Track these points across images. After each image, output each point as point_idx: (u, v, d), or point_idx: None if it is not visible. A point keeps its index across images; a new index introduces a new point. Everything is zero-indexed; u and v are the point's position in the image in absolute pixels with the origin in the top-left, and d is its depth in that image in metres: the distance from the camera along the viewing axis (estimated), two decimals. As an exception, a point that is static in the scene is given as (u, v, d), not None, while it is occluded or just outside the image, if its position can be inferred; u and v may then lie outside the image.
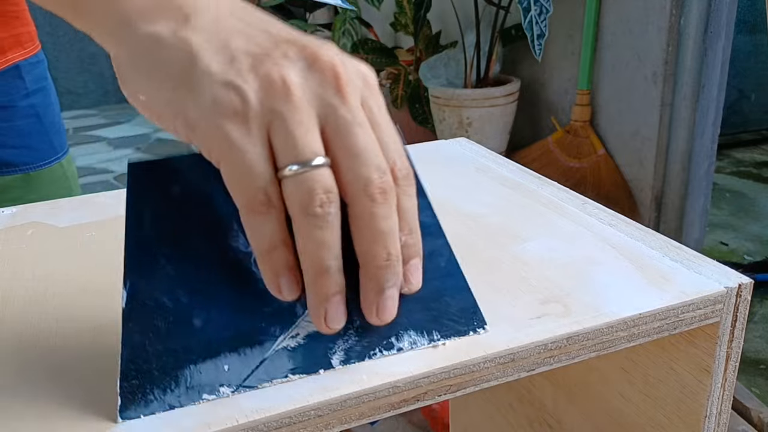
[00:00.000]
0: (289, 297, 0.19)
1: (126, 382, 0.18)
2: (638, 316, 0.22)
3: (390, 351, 0.20)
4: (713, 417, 0.24)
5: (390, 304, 0.19)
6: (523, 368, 0.20)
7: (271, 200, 0.18)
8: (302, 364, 0.19)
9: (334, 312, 0.19)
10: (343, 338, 0.20)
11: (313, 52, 0.19)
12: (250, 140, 0.18)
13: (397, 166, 0.19)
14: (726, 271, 0.24)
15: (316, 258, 0.18)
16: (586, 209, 0.30)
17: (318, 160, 0.18)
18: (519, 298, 0.23)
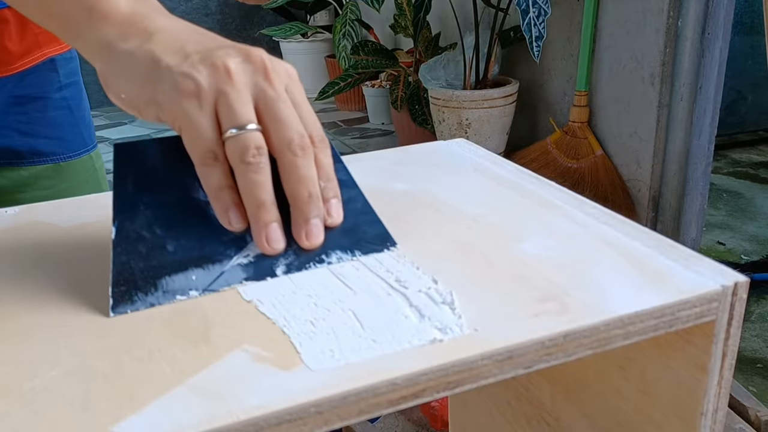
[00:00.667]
0: (237, 227, 0.26)
1: (116, 288, 0.24)
2: (635, 314, 0.22)
3: (321, 264, 0.26)
4: (710, 414, 0.25)
5: (316, 230, 0.26)
6: (520, 365, 0.21)
7: (217, 156, 0.25)
8: (253, 274, 0.25)
9: (272, 235, 0.25)
10: (284, 256, 0.26)
11: (247, 51, 0.26)
12: (202, 113, 0.25)
13: (314, 134, 0.26)
14: (722, 270, 0.24)
15: (253, 195, 0.25)
16: (584, 208, 0.30)
17: (251, 125, 0.25)
18: (516, 297, 0.23)
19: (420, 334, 0.21)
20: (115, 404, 0.18)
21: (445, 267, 0.25)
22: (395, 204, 0.32)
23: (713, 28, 1.24)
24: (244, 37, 2.92)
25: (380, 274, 0.25)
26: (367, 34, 2.19)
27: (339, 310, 0.23)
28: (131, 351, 0.21)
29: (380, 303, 0.23)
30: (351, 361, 0.20)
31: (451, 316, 0.22)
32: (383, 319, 0.22)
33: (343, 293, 0.24)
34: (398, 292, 0.24)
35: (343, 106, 2.66)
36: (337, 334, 0.21)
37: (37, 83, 0.47)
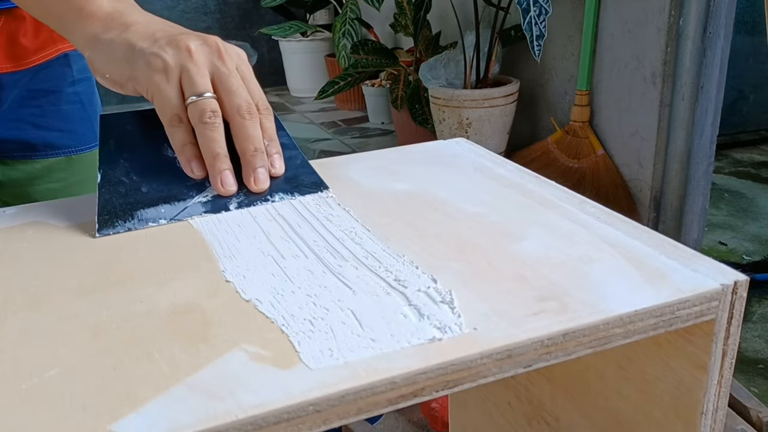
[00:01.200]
0: (198, 174, 0.33)
1: (100, 216, 0.31)
2: (634, 312, 0.22)
3: (266, 203, 0.32)
4: (710, 414, 0.25)
5: (262, 177, 0.33)
6: (519, 364, 0.21)
7: (182, 118, 0.32)
8: (211, 209, 0.32)
9: (226, 180, 0.32)
10: (236, 197, 0.33)
11: (205, 37, 0.34)
12: (169, 84, 0.32)
13: (260, 103, 0.34)
14: (722, 269, 0.24)
15: (210, 148, 0.32)
16: (584, 208, 0.30)
17: (208, 94, 0.32)
18: (516, 296, 0.23)
19: (419, 333, 0.21)
20: (113, 403, 0.18)
21: (445, 266, 0.25)
22: (395, 204, 0.32)
23: (715, 28, 1.23)
24: (244, 36, 2.92)
25: (379, 273, 0.25)
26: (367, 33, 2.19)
27: (338, 309, 0.23)
28: (130, 350, 0.21)
29: (379, 302, 0.23)
30: (350, 360, 0.20)
31: (451, 315, 0.22)
32: (382, 318, 0.22)
33: (342, 292, 0.24)
34: (397, 291, 0.24)
35: (343, 105, 2.66)
36: (335, 333, 0.21)
37: (51, 77, 0.48)
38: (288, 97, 2.93)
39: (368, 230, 0.29)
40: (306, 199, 0.33)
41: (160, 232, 0.30)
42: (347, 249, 0.27)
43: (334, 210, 0.32)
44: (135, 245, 0.29)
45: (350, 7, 1.95)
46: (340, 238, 0.28)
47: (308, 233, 0.29)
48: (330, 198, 0.33)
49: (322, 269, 0.26)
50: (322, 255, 0.27)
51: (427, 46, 1.91)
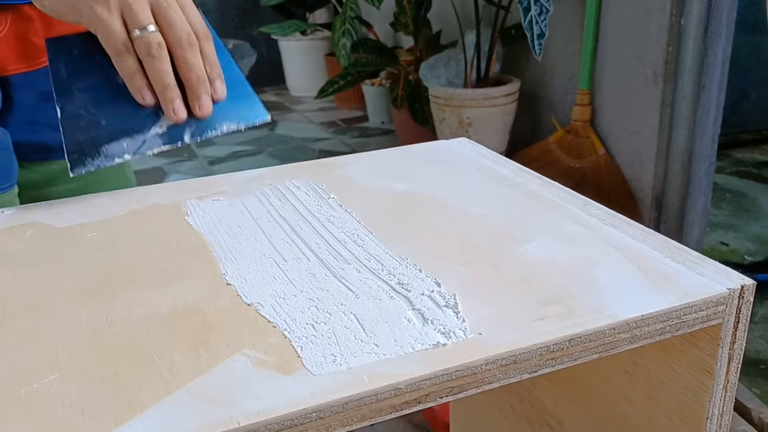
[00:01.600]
0: (149, 102, 0.35)
1: (70, 156, 0.33)
2: (640, 317, 0.21)
3: (214, 131, 0.36)
4: (715, 418, 0.24)
5: (206, 104, 0.35)
6: (525, 370, 0.20)
7: (128, 48, 0.34)
8: (168, 140, 0.34)
9: (177, 107, 0.35)
10: (188, 126, 0.35)
11: None
12: (111, 16, 0.33)
13: (199, 31, 0.35)
14: (728, 273, 0.24)
15: (160, 79, 0.34)
16: (588, 210, 0.30)
17: (150, 27, 0.34)
18: (521, 300, 0.23)
19: (423, 339, 0.21)
20: (113, 409, 0.18)
21: (448, 269, 0.25)
22: (396, 204, 0.32)
23: (716, 27, 1.23)
24: (243, 35, 2.91)
25: (382, 277, 0.25)
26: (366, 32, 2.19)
27: (341, 313, 0.22)
28: (130, 355, 0.21)
29: (382, 306, 0.23)
30: (353, 366, 0.19)
31: (455, 320, 0.21)
32: (386, 322, 0.22)
33: (344, 296, 0.23)
34: (401, 295, 0.23)
35: (343, 104, 2.66)
36: (338, 338, 0.21)
37: None
38: (287, 97, 2.92)
39: (370, 232, 0.29)
40: (305, 200, 0.33)
41: (160, 233, 0.30)
42: (349, 251, 0.27)
43: (336, 211, 0.31)
44: (134, 247, 0.29)
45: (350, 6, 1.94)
46: (342, 240, 0.28)
47: (310, 235, 0.29)
48: (331, 199, 0.33)
49: (324, 272, 0.25)
50: (324, 257, 0.27)
51: (428, 45, 1.90)
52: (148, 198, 0.34)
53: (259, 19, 2.95)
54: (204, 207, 0.33)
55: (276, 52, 2.94)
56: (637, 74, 1.35)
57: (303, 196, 0.34)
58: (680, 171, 1.34)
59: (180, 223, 0.31)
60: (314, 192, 0.34)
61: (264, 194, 0.34)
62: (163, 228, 0.31)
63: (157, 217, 0.32)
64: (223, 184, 0.36)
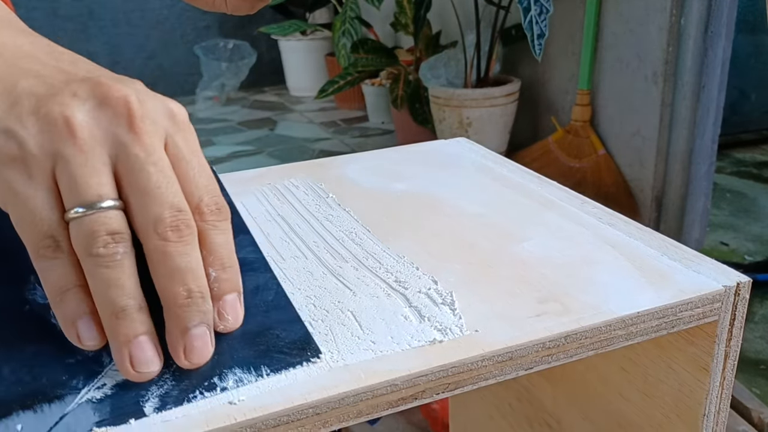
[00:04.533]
0: (90, 343, 0.18)
1: None
2: (636, 314, 0.22)
3: (212, 392, 0.18)
4: (712, 416, 0.24)
5: (199, 344, 0.18)
6: (521, 366, 0.20)
7: (59, 244, 0.18)
8: (109, 416, 0.17)
9: (139, 354, 0.18)
10: (158, 384, 0.18)
11: (106, 90, 0.19)
12: (32, 185, 0.18)
13: (204, 202, 0.19)
14: (724, 270, 0.24)
15: (108, 299, 0.18)
16: (585, 208, 0.30)
17: (105, 202, 0.18)
18: (517, 297, 0.23)
19: (420, 335, 0.21)
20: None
21: (446, 267, 0.25)
22: (395, 203, 0.32)
23: (716, 27, 1.23)
24: (243, 35, 2.92)
25: (379, 274, 0.25)
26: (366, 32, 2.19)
27: (338, 310, 0.22)
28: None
29: (379, 304, 0.23)
30: (350, 363, 0.19)
31: (452, 317, 0.22)
32: (382, 319, 0.22)
33: (342, 294, 0.24)
34: (398, 292, 0.23)
35: (343, 104, 2.66)
36: (335, 334, 0.21)
37: None
38: (287, 97, 2.93)
39: (368, 230, 0.29)
40: (303, 199, 0.33)
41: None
42: (347, 250, 0.27)
43: (334, 210, 0.31)
44: (134, 246, 0.29)
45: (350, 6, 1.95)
46: (340, 239, 0.28)
47: (308, 234, 0.29)
48: (330, 198, 0.33)
49: (321, 270, 0.25)
50: (322, 256, 0.27)
51: (428, 45, 1.91)
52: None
53: (259, 19, 2.95)
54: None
55: (276, 52, 2.95)
56: (637, 74, 1.35)
57: (302, 195, 0.34)
58: (680, 171, 1.34)
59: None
60: (313, 191, 0.34)
61: (263, 194, 0.34)
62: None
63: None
64: (223, 183, 0.36)
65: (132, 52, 2.84)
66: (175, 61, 2.94)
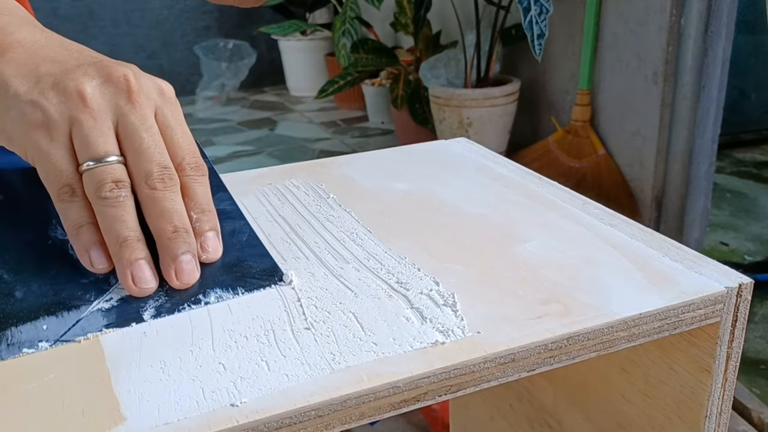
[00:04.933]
0: (100, 267, 0.24)
1: None
2: (638, 316, 0.22)
3: (198, 305, 0.23)
4: (713, 417, 0.24)
5: (187, 267, 0.23)
6: (523, 368, 0.20)
7: (75, 190, 0.23)
8: (115, 320, 0.22)
9: (139, 274, 0.23)
10: (154, 298, 0.23)
11: (109, 70, 0.24)
12: (54, 145, 0.23)
13: (186, 161, 0.24)
14: (726, 271, 0.24)
15: (114, 231, 0.23)
16: (587, 209, 0.30)
17: (110, 157, 0.23)
18: (519, 299, 0.23)
19: (421, 337, 0.21)
20: (112, 408, 0.18)
21: (447, 268, 0.25)
22: (395, 204, 0.32)
23: (716, 27, 1.23)
24: (243, 35, 2.92)
25: (381, 276, 0.25)
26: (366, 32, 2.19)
27: (339, 312, 0.22)
28: (129, 355, 0.21)
29: (381, 305, 0.23)
30: (351, 364, 0.19)
31: (453, 319, 0.22)
32: (384, 321, 0.22)
33: (343, 295, 0.24)
34: (399, 293, 0.23)
35: (343, 104, 2.66)
36: (337, 336, 0.21)
37: None
38: (287, 97, 2.92)
39: (369, 231, 0.29)
40: (304, 200, 0.33)
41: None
42: (348, 251, 0.27)
43: (335, 211, 0.31)
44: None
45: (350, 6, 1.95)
46: (341, 240, 0.28)
47: (309, 234, 0.29)
48: (330, 198, 0.33)
49: (323, 271, 0.25)
50: (323, 257, 0.27)
51: (428, 45, 1.90)
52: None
53: (259, 19, 2.95)
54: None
55: (276, 52, 2.95)
56: (637, 74, 1.35)
57: (302, 195, 0.34)
58: (680, 171, 1.34)
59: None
60: (313, 191, 0.34)
61: (263, 194, 0.34)
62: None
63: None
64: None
65: (132, 52, 2.84)
66: (175, 61, 2.94)
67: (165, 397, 0.18)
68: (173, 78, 2.97)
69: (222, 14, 2.99)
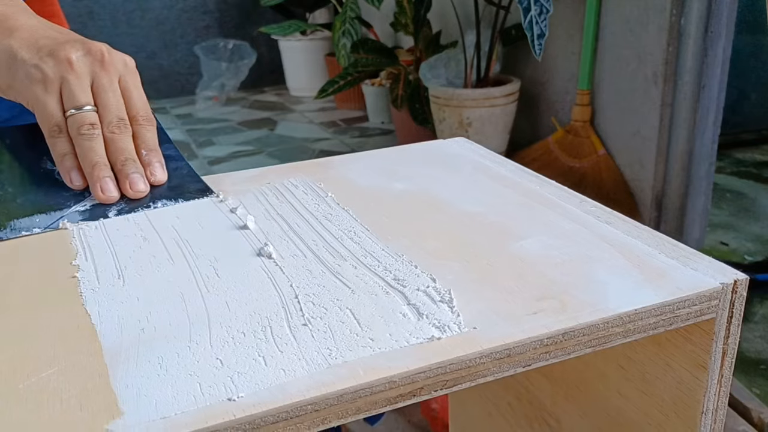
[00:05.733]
0: (77, 184, 0.33)
1: None
2: (633, 311, 0.22)
3: (147, 209, 0.32)
4: (710, 413, 0.24)
5: (136, 180, 0.33)
6: (519, 363, 0.20)
7: (62, 129, 0.33)
8: (89, 216, 0.31)
9: (105, 186, 0.32)
10: (117, 205, 0.32)
11: (90, 45, 0.34)
12: (48, 96, 0.33)
13: (139, 114, 0.34)
14: (722, 268, 0.24)
15: (88, 157, 0.33)
16: (584, 207, 0.30)
17: (87, 107, 0.33)
18: (515, 295, 0.23)
19: (418, 333, 0.21)
20: (110, 402, 0.18)
21: (444, 265, 0.25)
22: (394, 203, 0.32)
23: (716, 27, 1.23)
24: (243, 35, 2.92)
25: (378, 273, 0.25)
26: (366, 32, 2.19)
27: (336, 308, 0.23)
28: (127, 350, 0.21)
29: (378, 302, 0.23)
30: (348, 360, 0.20)
31: (450, 315, 0.22)
32: (381, 317, 0.22)
33: (340, 291, 0.24)
34: (396, 290, 0.24)
35: (343, 104, 2.66)
36: (334, 332, 0.21)
37: None
38: (287, 97, 2.93)
39: (367, 229, 0.29)
40: (303, 198, 0.33)
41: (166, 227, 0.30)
42: (346, 248, 0.27)
43: (333, 209, 0.31)
44: (135, 240, 0.29)
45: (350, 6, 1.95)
46: (339, 237, 0.28)
47: (307, 232, 0.29)
48: (329, 197, 0.33)
49: (320, 269, 0.26)
50: (321, 254, 0.27)
51: (428, 45, 1.91)
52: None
53: (259, 19, 2.95)
54: (202, 204, 0.33)
55: (276, 53, 2.95)
56: (637, 74, 1.35)
57: (301, 194, 0.34)
58: (680, 171, 1.34)
59: (175, 222, 0.31)
60: (312, 190, 0.34)
61: (262, 193, 0.34)
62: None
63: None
64: (222, 183, 0.36)
65: (132, 52, 2.81)
66: (175, 61, 2.94)
67: (162, 391, 0.18)
68: (173, 78, 2.98)
69: (222, 14, 3.00)
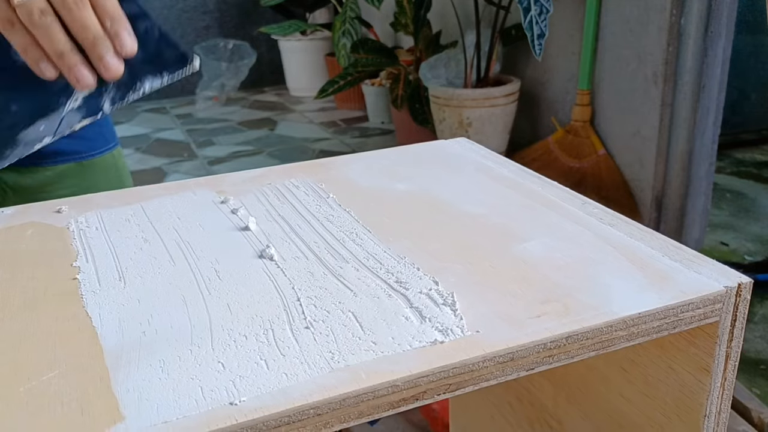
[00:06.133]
0: (49, 75, 0.32)
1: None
2: (637, 315, 0.22)
3: (136, 93, 0.33)
4: (713, 416, 0.24)
5: (112, 62, 0.32)
6: (522, 367, 0.20)
7: (13, 22, 0.31)
8: (86, 113, 0.32)
9: (79, 74, 0.31)
10: (107, 92, 0.32)
11: None
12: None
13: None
14: (726, 271, 0.24)
15: (52, 48, 0.31)
16: (586, 209, 0.30)
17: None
18: (518, 298, 0.23)
19: (421, 336, 0.21)
20: (111, 406, 0.18)
21: (446, 268, 0.25)
22: (395, 204, 0.32)
23: (716, 27, 1.23)
24: (243, 35, 2.92)
25: (380, 275, 0.25)
26: (366, 32, 2.19)
27: (339, 311, 0.22)
28: (128, 354, 0.21)
29: (380, 304, 0.23)
30: (351, 363, 0.19)
31: (453, 318, 0.22)
32: (383, 320, 0.22)
33: (343, 294, 0.24)
34: (399, 293, 0.23)
35: (343, 104, 2.66)
36: (336, 335, 0.21)
37: None
38: (287, 97, 2.92)
39: (369, 231, 0.29)
40: (304, 199, 0.33)
41: (165, 228, 0.30)
42: (348, 250, 0.27)
43: (335, 210, 0.31)
44: (136, 241, 0.29)
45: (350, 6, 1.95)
46: (340, 239, 0.28)
47: (308, 234, 0.29)
48: (330, 198, 0.33)
49: (322, 271, 0.25)
50: (323, 256, 0.27)
51: (428, 45, 1.91)
52: (148, 197, 0.34)
53: (259, 19, 2.95)
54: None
55: (276, 52, 2.95)
56: (637, 74, 1.35)
57: (302, 195, 0.34)
58: (680, 171, 1.34)
59: (175, 222, 0.31)
60: (313, 191, 0.34)
61: (263, 194, 0.34)
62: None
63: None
64: (223, 183, 0.36)
65: (132, 52, 2.83)
66: (175, 61, 2.93)
67: (164, 395, 0.18)
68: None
69: (222, 14, 2.99)
